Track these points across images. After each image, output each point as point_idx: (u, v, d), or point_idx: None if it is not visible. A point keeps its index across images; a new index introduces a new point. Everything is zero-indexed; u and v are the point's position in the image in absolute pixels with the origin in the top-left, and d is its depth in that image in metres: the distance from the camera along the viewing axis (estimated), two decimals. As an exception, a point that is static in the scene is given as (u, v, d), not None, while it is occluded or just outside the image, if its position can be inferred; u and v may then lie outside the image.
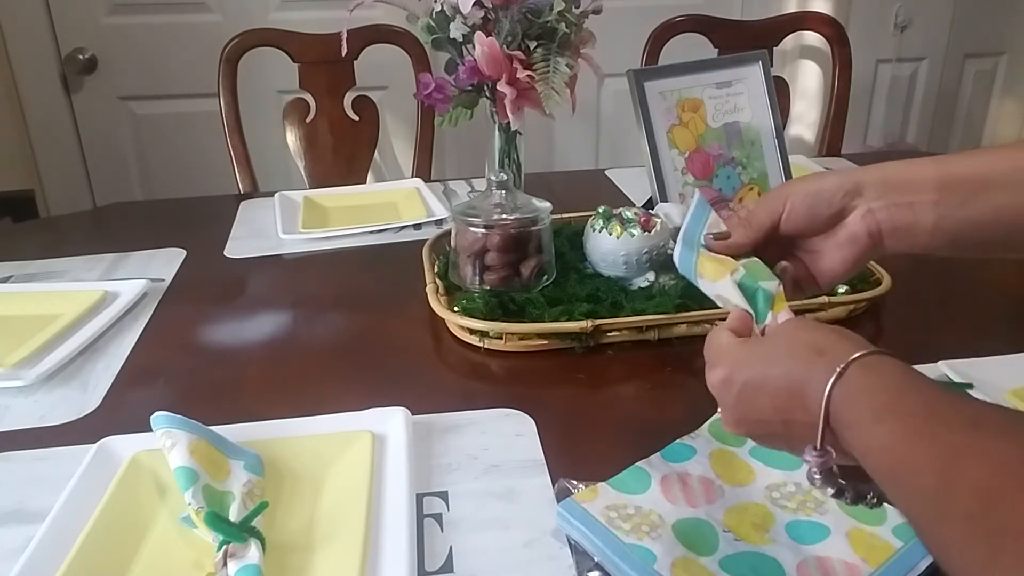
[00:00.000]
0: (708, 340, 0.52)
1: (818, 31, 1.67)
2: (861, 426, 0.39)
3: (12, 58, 1.79)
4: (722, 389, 0.48)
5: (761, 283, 0.54)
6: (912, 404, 0.38)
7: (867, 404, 0.40)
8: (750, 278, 0.54)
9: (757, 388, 0.46)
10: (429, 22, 0.91)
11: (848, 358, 0.41)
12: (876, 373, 0.41)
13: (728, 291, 0.54)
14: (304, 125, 1.59)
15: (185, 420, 0.58)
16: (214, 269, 1.06)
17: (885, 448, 0.37)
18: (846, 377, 0.41)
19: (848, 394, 0.41)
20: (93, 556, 0.51)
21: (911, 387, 0.39)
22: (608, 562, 0.50)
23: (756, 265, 0.55)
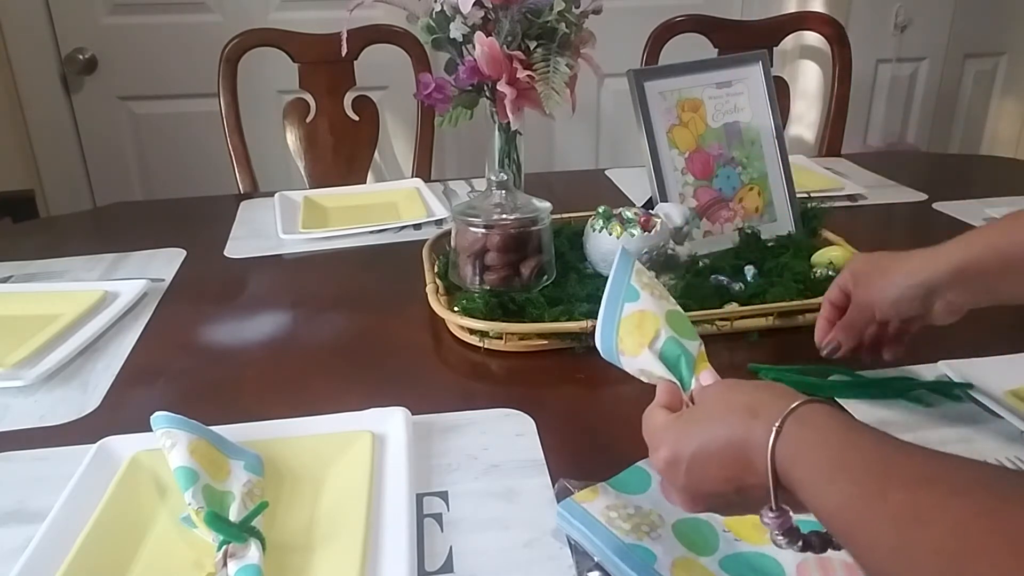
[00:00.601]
0: (644, 422, 0.51)
1: (818, 31, 1.67)
2: (813, 485, 0.39)
3: (12, 58, 1.79)
4: (669, 470, 0.47)
5: (684, 342, 0.54)
6: (859, 460, 0.38)
7: (813, 463, 0.40)
8: (673, 343, 0.54)
9: (703, 461, 0.45)
10: (429, 22, 0.91)
11: (781, 415, 0.41)
12: (812, 426, 0.41)
13: (650, 364, 0.54)
14: (304, 125, 1.59)
15: (185, 420, 0.58)
16: (214, 269, 1.06)
17: (839, 509, 0.37)
18: (785, 435, 0.41)
19: (792, 452, 0.41)
20: (93, 556, 0.51)
21: (854, 439, 0.39)
22: (608, 562, 0.50)
23: (679, 320, 0.56)
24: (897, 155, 2.03)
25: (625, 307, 0.57)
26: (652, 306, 0.56)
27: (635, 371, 0.56)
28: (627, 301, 0.57)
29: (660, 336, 0.54)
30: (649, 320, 0.55)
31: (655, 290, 0.58)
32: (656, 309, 0.56)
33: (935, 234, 1.14)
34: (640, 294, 0.57)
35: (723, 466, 0.44)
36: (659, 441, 0.48)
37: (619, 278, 0.58)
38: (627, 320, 0.56)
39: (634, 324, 0.56)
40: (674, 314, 0.56)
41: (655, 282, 0.59)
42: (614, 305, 0.57)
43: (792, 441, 0.41)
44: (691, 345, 0.54)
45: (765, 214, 1.01)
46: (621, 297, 0.57)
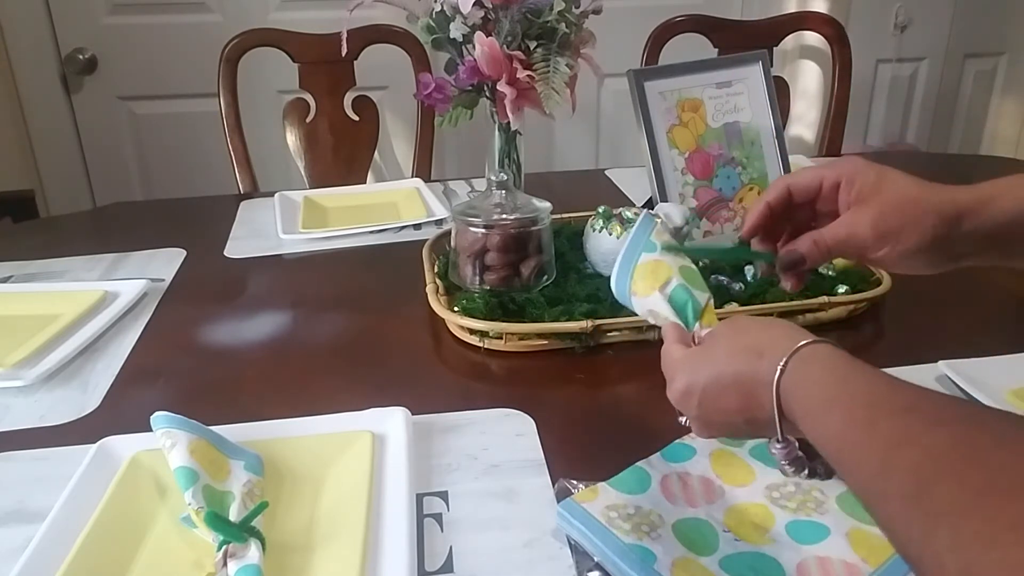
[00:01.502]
0: (663, 357, 0.55)
1: (818, 31, 1.67)
2: (812, 416, 0.43)
3: (12, 58, 1.79)
4: (684, 400, 0.51)
5: (694, 292, 0.57)
6: (854, 392, 0.41)
7: (813, 396, 0.43)
8: (682, 289, 0.57)
9: (715, 395, 0.49)
10: (429, 22, 0.91)
11: (785, 355, 0.45)
12: (814, 362, 0.44)
13: (658, 305, 0.58)
14: (304, 125, 1.59)
15: (185, 420, 0.58)
16: (214, 269, 1.06)
17: (834, 436, 0.41)
18: (788, 372, 0.45)
19: (794, 387, 0.44)
20: (93, 556, 0.51)
21: (850, 374, 0.42)
22: (608, 562, 0.50)
23: (692, 274, 0.59)
24: (897, 155, 2.03)
25: (642, 256, 0.60)
26: (668, 259, 0.59)
27: (644, 312, 0.59)
28: (645, 251, 0.60)
29: (671, 282, 0.58)
30: (663, 268, 0.58)
31: (672, 249, 0.60)
32: (671, 261, 0.59)
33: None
34: (658, 248, 0.60)
35: (733, 400, 0.48)
36: (674, 373, 0.53)
37: (639, 235, 0.61)
38: (642, 266, 0.60)
39: (648, 270, 0.59)
40: (687, 268, 0.59)
41: (674, 244, 0.61)
42: (632, 253, 0.61)
43: (794, 378, 0.45)
44: (700, 296, 0.57)
45: (765, 214, 1.01)
46: (640, 248, 0.60)
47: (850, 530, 0.52)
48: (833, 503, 0.55)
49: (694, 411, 0.51)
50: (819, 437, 0.42)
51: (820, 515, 0.54)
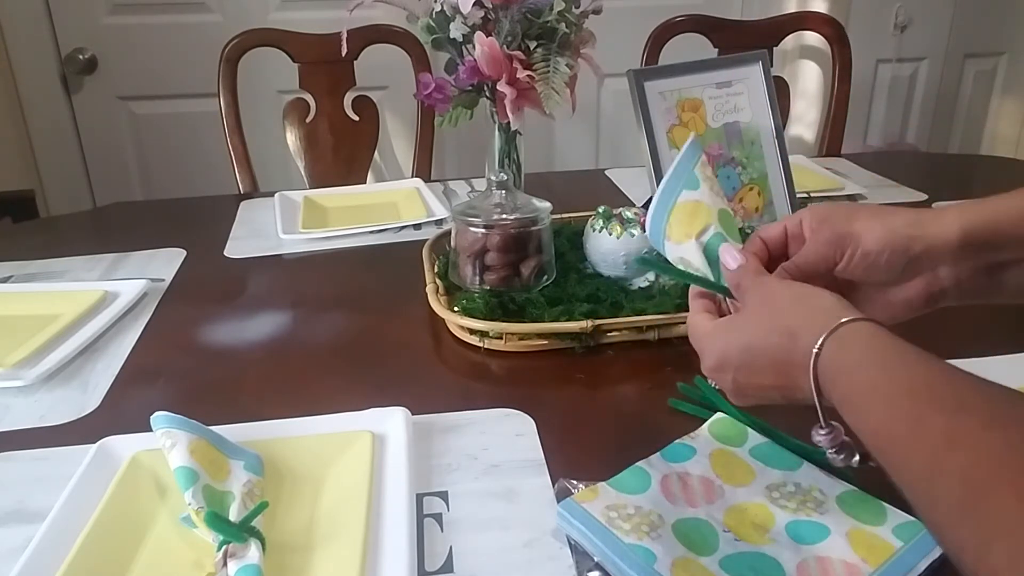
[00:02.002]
0: (690, 330, 0.54)
1: (818, 31, 1.67)
2: (851, 405, 0.40)
3: (12, 58, 1.79)
4: (718, 376, 0.51)
5: (730, 242, 0.55)
6: (898, 381, 0.38)
7: (854, 383, 0.41)
8: (719, 239, 0.54)
9: (748, 372, 0.48)
10: (429, 22, 0.91)
11: (821, 336, 0.42)
12: (853, 345, 0.42)
13: (692, 255, 0.55)
14: (304, 125, 1.59)
15: (185, 420, 0.58)
16: (214, 269, 1.06)
17: (876, 429, 0.38)
18: (824, 355, 0.42)
19: (832, 372, 0.42)
20: (93, 556, 0.51)
21: (893, 359, 0.40)
22: (608, 562, 0.50)
23: (728, 221, 0.56)
24: (897, 155, 2.03)
25: (683, 193, 0.56)
26: (708, 199, 0.56)
27: (675, 258, 0.57)
28: (686, 188, 0.56)
29: (708, 230, 0.55)
30: (703, 212, 0.55)
31: (714, 186, 0.57)
32: (711, 203, 0.56)
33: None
34: (700, 185, 0.56)
35: (769, 378, 0.47)
36: (704, 346, 0.51)
37: (684, 165, 0.57)
38: (681, 207, 0.56)
39: (687, 212, 0.56)
40: (725, 213, 0.56)
41: (715, 179, 0.58)
42: (672, 189, 0.57)
43: (832, 361, 0.42)
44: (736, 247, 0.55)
45: (765, 214, 1.01)
46: (681, 183, 0.57)
47: (850, 530, 0.52)
48: (833, 503, 0.55)
49: (729, 385, 0.50)
50: (861, 428, 0.39)
51: (820, 515, 0.54)
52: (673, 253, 0.57)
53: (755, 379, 0.48)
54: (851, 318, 0.43)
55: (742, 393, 0.50)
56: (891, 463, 0.37)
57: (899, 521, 0.52)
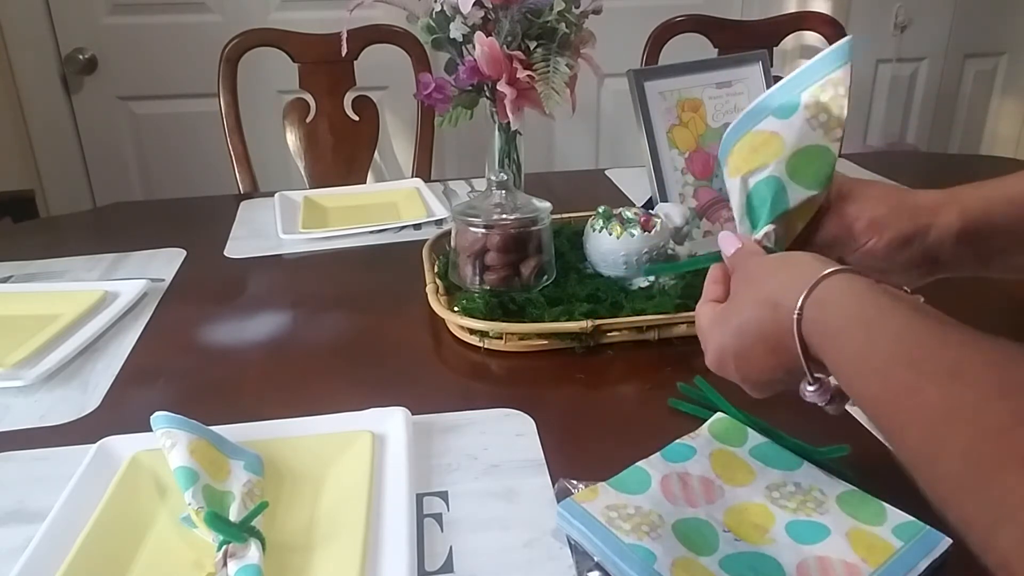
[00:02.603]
0: (696, 321, 0.53)
1: (818, 31, 1.67)
2: (842, 375, 0.39)
3: (12, 58, 1.79)
4: (720, 369, 0.50)
5: (792, 187, 0.49)
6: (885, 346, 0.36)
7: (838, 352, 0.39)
8: (770, 182, 0.49)
9: (746, 357, 0.47)
10: (429, 22, 0.91)
11: (797, 304, 0.41)
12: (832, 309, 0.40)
13: (733, 192, 0.51)
14: (304, 125, 1.59)
15: (185, 420, 0.58)
16: (214, 269, 1.06)
17: (871, 402, 0.36)
18: (807, 321, 0.41)
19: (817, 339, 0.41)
20: (93, 556, 0.51)
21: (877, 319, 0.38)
22: (608, 562, 0.50)
23: (808, 163, 0.49)
24: (897, 155, 2.03)
25: (766, 120, 0.51)
26: (791, 134, 0.50)
27: (727, 189, 0.53)
28: (775, 115, 0.51)
29: (764, 170, 0.49)
30: (771, 148, 0.50)
31: (823, 114, 0.50)
32: (792, 139, 0.49)
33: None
34: (796, 113, 0.50)
35: (765, 357, 0.46)
36: (704, 342, 0.51)
37: (803, 78, 0.51)
38: (754, 136, 0.51)
39: (753, 145, 0.51)
40: (807, 153, 0.49)
41: (838, 103, 0.51)
42: (758, 113, 0.51)
43: (815, 329, 0.41)
44: (797, 194, 0.49)
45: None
46: (774, 106, 0.51)
47: (850, 530, 0.52)
48: (833, 503, 0.55)
49: (735, 376, 0.49)
50: (855, 396, 0.38)
51: (820, 515, 0.54)
52: (727, 184, 0.52)
53: (755, 362, 0.47)
54: (827, 272, 0.41)
55: (751, 381, 0.49)
56: (889, 436, 0.35)
57: (899, 521, 0.52)
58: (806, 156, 0.50)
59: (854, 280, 0.41)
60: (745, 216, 0.52)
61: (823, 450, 0.59)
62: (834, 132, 0.50)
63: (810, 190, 0.50)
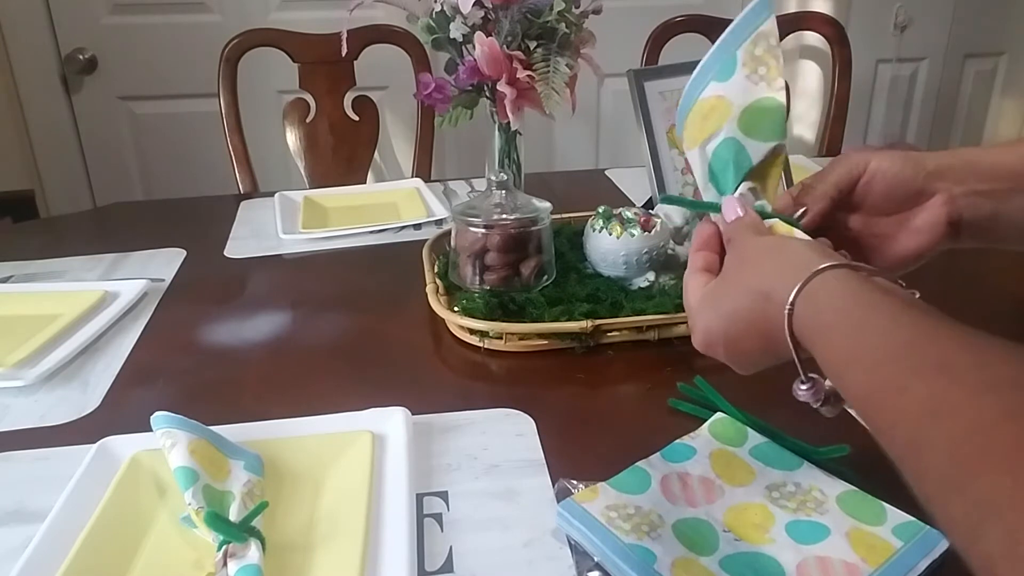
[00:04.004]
0: (684, 294, 0.51)
1: (818, 31, 1.67)
2: (832, 372, 0.38)
3: (12, 58, 1.79)
4: (709, 351, 0.49)
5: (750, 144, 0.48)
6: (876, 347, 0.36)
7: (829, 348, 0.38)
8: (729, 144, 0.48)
9: (735, 341, 0.46)
10: (429, 22, 0.91)
11: (790, 298, 0.40)
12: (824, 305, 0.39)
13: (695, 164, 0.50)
14: (304, 125, 1.59)
15: (185, 420, 0.58)
16: (214, 269, 1.06)
17: (860, 397, 0.36)
18: (799, 316, 0.40)
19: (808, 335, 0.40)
20: (93, 556, 0.51)
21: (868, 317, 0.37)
22: (608, 562, 0.50)
23: (761, 116, 0.48)
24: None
25: (709, 87, 0.50)
26: (736, 93, 0.49)
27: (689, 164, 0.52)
28: (715, 79, 0.50)
29: (719, 134, 0.48)
30: (720, 111, 0.49)
31: (761, 67, 0.49)
32: (738, 98, 0.49)
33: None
34: (735, 73, 0.49)
35: (755, 343, 0.45)
36: (693, 323, 0.49)
37: (728, 43, 0.49)
38: (701, 104, 0.50)
39: (703, 113, 0.50)
40: (755, 108, 0.48)
41: (773, 54, 0.49)
42: (700, 83, 0.50)
43: (806, 324, 0.40)
44: (756, 148, 0.48)
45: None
46: (714, 71, 0.50)
47: (850, 530, 0.52)
48: (833, 503, 0.55)
49: (723, 358, 0.48)
50: (846, 393, 0.37)
51: (820, 515, 0.54)
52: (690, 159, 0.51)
53: (743, 345, 0.46)
54: (821, 267, 0.40)
55: (738, 363, 0.48)
56: (878, 433, 0.34)
57: (899, 521, 0.52)
58: (755, 112, 0.49)
59: (847, 275, 0.40)
60: (709, 183, 0.50)
61: (823, 450, 0.59)
62: (776, 83, 0.49)
63: (768, 142, 0.49)
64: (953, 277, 0.97)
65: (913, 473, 0.31)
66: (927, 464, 0.30)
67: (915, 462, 0.31)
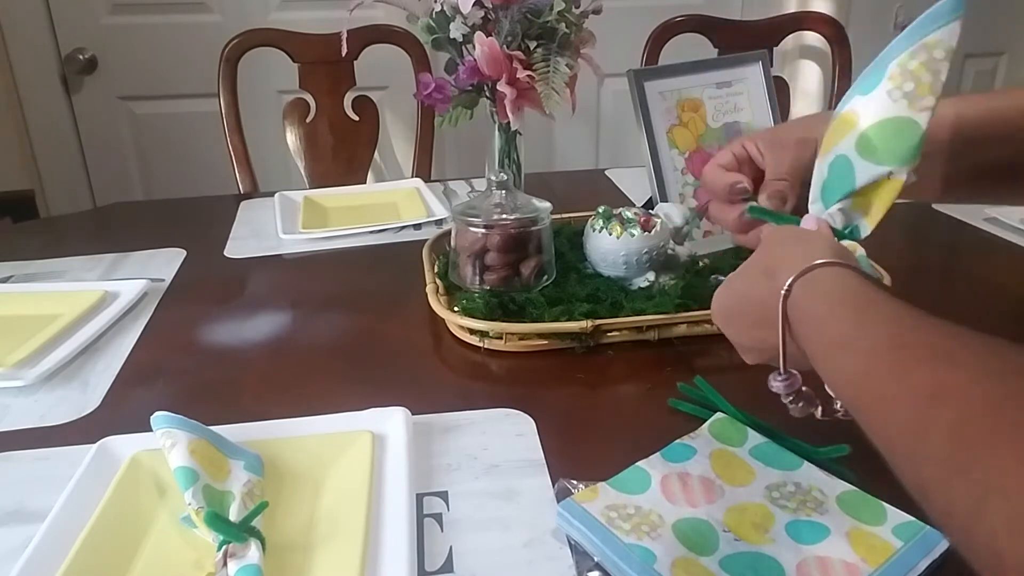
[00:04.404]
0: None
1: (818, 31, 1.67)
2: (825, 356, 0.38)
3: (12, 58, 1.79)
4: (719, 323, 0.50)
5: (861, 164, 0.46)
6: (877, 332, 0.36)
7: (825, 332, 0.38)
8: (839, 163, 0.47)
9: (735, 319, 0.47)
10: (429, 22, 0.91)
11: (789, 279, 0.40)
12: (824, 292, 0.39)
13: (815, 176, 0.49)
14: (304, 125, 1.59)
15: (185, 420, 0.58)
16: (214, 269, 1.06)
17: (853, 382, 0.35)
18: (794, 299, 0.40)
19: (803, 319, 0.40)
20: (93, 556, 0.51)
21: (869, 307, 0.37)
22: (608, 562, 0.50)
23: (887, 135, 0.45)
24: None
25: (851, 101, 0.48)
26: (868, 108, 0.47)
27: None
28: (860, 92, 0.48)
29: (834, 151, 0.47)
30: (846, 127, 0.47)
31: (909, 83, 0.47)
32: (869, 114, 0.47)
33: (935, 234, 1.14)
34: (880, 86, 0.47)
35: (751, 325, 0.45)
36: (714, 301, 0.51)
37: (901, 43, 0.47)
38: (837, 120, 0.49)
39: (835, 127, 0.49)
40: (883, 126, 0.46)
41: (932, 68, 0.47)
42: (852, 91, 0.49)
43: (801, 307, 0.40)
44: (866, 171, 0.46)
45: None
46: (865, 82, 0.48)
47: (850, 530, 0.52)
48: (833, 503, 0.55)
49: (735, 339, 0.48)
50: (836, 381, 0.37)
51: (820, 515, 0.54)
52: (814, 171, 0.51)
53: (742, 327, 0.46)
54: (827, 261, 0.40)
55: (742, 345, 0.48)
56: (871, 419, 0.34)
57: (899, 521, 0.52)
58: (881, 130, 0.47)
59: (854, 275, 0.40)
60: (818, 198, 0.50)
61: (823, 450, 0.59)
62: (922, 101, 0.46)
63: (882, 165, 0.46)
64: (953, 277, 0.97)
65: (910, 458, 0.31)
66: (928, 447, 0.30)
67: (914, 445, 0.31)
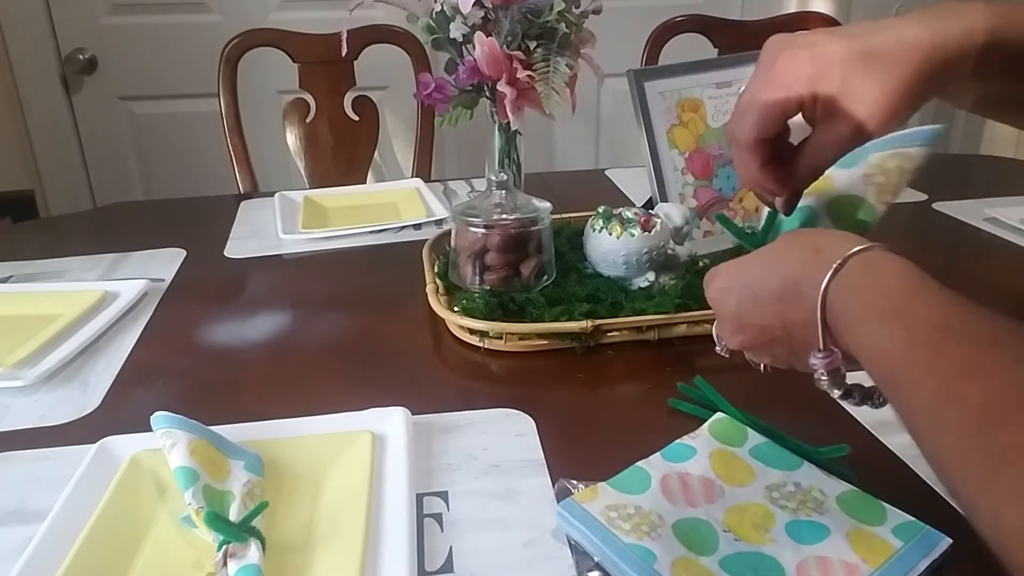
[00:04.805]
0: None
1: (818, 31, 1.67)
2: (861, 325, 0.38)
3: (12, 58, 1.79)
4: (721, 299, 0.48)
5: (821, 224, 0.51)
6: (921, 309, 0.36)
7: (868, 303, 0.38)
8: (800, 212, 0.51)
9: (756, 291, 0.45)
10: (429, 22, 0.91)
11: (845, 254, 0.40)
12: (877, 270, 0.39)
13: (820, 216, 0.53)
14: (304, 125, 1.59)
15: (185, 420, 0.58)
16: (214, 269, 1.06)
17: (887, 352, 0.36)
18: (844, 273, 0.40)
19: (847, 291, 0.39)
20: (93, 556, 0.51)
21: (921, 289, 0.37)
22: (608, 562, 0.50)
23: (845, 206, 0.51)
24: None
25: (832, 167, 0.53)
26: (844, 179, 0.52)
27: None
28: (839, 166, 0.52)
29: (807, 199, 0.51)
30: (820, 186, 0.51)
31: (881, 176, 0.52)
32: (843, 183, 0.52)
33: (935, 235, 1.14)
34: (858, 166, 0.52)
35: (774, 298, 0.44)
36: (718, 271, 0.49)
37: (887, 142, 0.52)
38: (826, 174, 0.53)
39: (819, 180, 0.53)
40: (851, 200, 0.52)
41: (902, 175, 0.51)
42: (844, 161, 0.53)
43: (849, 281, 0.39)
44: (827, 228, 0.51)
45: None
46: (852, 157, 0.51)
47: (850, 530, 0.52)
48: (833, 503, 0.55)
49: (731, 309, 0.47)
50: (869, 349, 0.37)
51: (820, 515, 0.54)
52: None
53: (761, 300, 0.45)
54: (882, 246, 0.40)
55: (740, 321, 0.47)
56: (898, 386, 0.35)
57: (899, 521, 0.52)
58: (850, 203, 0.52)
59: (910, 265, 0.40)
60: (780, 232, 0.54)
61: (823, 450, 0.59)
62: (884, 196, 0.52)
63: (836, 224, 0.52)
64: (953, 277, 0.97)
65: (932, 425, 0.32)
66: (952, 418, 0.31)
67: (940, 414, 0.31)
